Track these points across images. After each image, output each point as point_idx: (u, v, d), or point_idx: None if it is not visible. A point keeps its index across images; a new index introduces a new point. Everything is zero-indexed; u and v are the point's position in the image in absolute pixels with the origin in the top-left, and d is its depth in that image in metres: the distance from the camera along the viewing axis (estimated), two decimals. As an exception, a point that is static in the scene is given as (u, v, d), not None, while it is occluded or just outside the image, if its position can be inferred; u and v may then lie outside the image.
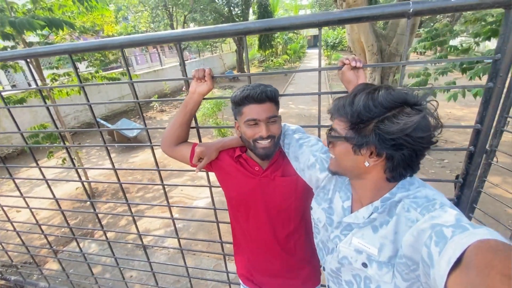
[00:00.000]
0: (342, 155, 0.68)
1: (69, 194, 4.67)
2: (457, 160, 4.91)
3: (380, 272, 0.65)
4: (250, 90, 0.90)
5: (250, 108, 0.91)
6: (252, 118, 0.90)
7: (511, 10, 0.75)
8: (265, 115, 0.90)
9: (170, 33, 1.05)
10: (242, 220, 1.11)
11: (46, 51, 1.16)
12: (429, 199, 0.60)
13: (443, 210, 0.55)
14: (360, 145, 0.62)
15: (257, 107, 0.90)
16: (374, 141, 0.59)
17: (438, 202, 0.58)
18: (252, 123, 0.91)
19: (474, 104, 7.77)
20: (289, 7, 29.70)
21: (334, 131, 0.68)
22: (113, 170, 1.45)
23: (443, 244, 0.47)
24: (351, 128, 0.63)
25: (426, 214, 0.57)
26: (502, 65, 0.81)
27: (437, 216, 0.54)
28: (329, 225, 0.80)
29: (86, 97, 1.32)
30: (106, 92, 9.92)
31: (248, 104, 0.91)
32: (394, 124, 0.56)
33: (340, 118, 0.66)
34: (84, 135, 8.11)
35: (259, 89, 0.89)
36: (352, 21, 0.87)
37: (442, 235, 0.48)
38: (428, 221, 0.54)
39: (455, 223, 0.49)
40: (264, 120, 0.90)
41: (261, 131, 0.91)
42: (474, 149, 0.94)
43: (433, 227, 0.51)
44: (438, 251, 0.47)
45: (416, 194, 0.63)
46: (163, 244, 3.36)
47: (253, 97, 0.89)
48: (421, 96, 0.59)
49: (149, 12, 11.69)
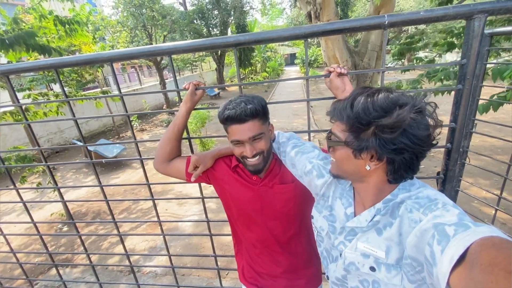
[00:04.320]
0: (342, 159, 0.67)
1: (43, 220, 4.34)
2: (432, 165, 5.19)
3: (389, 275, 0.64)
4: (230, 110, 0.87)
5: (233, 129, 0.90)
6: (236, 139, 0.90)
7: (471, 21, 0.86)
8: (247, 135, 0.88)
9: (161, 46, 1.08)
10: (243, 228, 1.10)
11: (31, 66, 1.14)
12: (431, 199, 0.61)
13: (445, 209, 0.55)
14: (360, 149, 0.61)
15: (239, 127, 0.88)
16: (374, 145, 0.59)
17: (440, 202, 0.58)
18: (237, 143, 0.92)
19: (442, 113, 8.37)
20: (266, 28, 31.00)
21: (334, 135, 0.67)
22: (100, 188, 1.40)
23: (446, 243, 0.47)
24: (351, 132, 0.62)
25: (428, 214, 0.56)
26: (468, 69, 0.91)
27: (440, 216, 0.54)
28: (332, 233, 0.79)
29: (71, 112, 1.29)
30: (83, 112, 9.59)
31: (230, 124, 0.90)
32: (390, 119, 0.56)
33: (340, 121, 0.65)
34: (58, 158, 7.69)
35: (239, 109, 0.85)
36: (334, 32, 0.95)
37: (445, 233, 0.48)
38: (430, 221, 0.54)
39: (457, 222, 0.50)
40: (247, 141, 0.89)
41: (246, 151, 0.90)
42: (451, 146, 1.02)
43: (435, 226, 0.52)
44: (441, 249, 0.47)
45: (418, 194, 0.63)
46: (149, 266, 3.18)
47: (233, 118, 0.86)
48: (420, 98, 0.60)
49: (128, 32, 11.68)
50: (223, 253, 3.15)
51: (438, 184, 1.12)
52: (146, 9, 10.92)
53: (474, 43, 0.88)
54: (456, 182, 1.17)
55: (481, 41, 0.88)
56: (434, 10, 0.86)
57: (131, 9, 10.82)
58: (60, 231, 4.02)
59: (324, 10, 4.51)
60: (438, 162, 5.30)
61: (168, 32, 13.03)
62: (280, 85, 18.71)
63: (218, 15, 15.34)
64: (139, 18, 10.95)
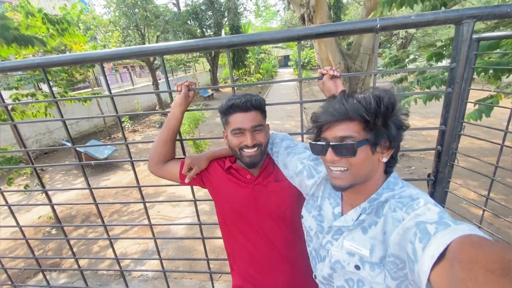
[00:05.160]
0: (363, 160, 0.65)
1: (30, 224, 4.22)
2: (423, 167, 5.29)
3: (373, 273, 0.66)
4: (236, 99, 0.92)
5: (235, 117, 0.93)
6: (237, 127, 0.92)
7: (460, 26, 0.88)
8: (250, 124, 0.91)
9: (153, 47, 1.06)
10: (238, 233, 1.06)
11: (16, 65, 1.11)
12: (413, 198, 0.63)
13: (426, 207, 0.57)
14: (376, 143, 0.64)
15: (242, 116, 0.92)
16: (388, 133, 0.64)
17: (422, 201, 0.60)
18: (238, 132, 0.93)
19: (432, 116, 8.55)
20: (260, 30, 31.12)
21: (350, 138, 0.64)
22: (89, 191, 1.37)
23: (427, 241, 0.48)
24: (369, 128, 0.63)
25: (411, 213, 0.58)
26: (457, 73, 0.93)
27: (421, 214, 0.56)
28: (320, 232, 0.80)
29: (59, 112, 1.26)
30: (73, 112, 9.39)
31: (233, 113, 0.93)
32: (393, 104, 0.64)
33: (348, 122, 0.64)
34: (47, 160, 7.51)
35: (244, 98, 0.91)
36: (327, 35, 0.95)
37: (426, 231, 0.50)
38: (413, 219, 0.56)
39: (438, 220, 0.52)
40: (249, 129, 0.92)
41: (246, 140, 0.92)
42: (441, 148, 1.03)
43: (417, 224, 0.53)
44: (422, 247, 0.48)
45: (401, 193, 0.65)
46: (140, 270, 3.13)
47: (238, 105, 0.91)
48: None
49: (120, 32, 11.52)
50: (215, 256, 3.12)
51: (428, 185, 1.13)
52: (139, 9, 10.80)
53: (463, 48, 0.90)
54: (446, 184, 1.19)
55: (470, 46, 0.90)
56: (425, 15, 0.88)
57: (124, 9, 10.69)
58: (49, 234, 3.92)
59: (317, 13, 4.55)
60: (428, 163, 5.40)
61: (161, 33, 12.92)
62: (274, 87, 18.76)
63: (212, 16, 15.30)
64: (132, 18, 10.82)
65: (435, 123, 8.06)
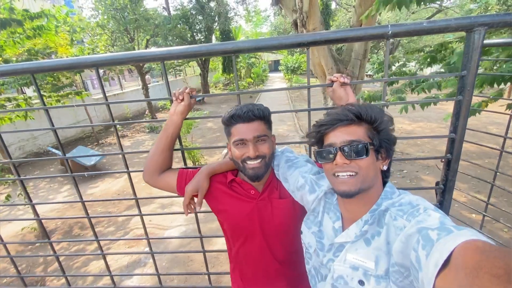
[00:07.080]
0: (370, 164, 0.66)
1: (14, 236, 3.99)
2: (414, 170, 5.37)
3: (378, 287, 0.63)
4: (237, 109, 0.88)
5: (237, 128, 0.88)
6: (239, 138, 0.88)
7: (471, 34, 0.87)
8: (252, 134, 0.87)
9: (154, 52, 1.01)
10: (238, 245, 1.02)
11: (5, 70, 1.02)
12: (413, 205, 0.62)
13: (426, 213, 0.57)
14: (381, 145, 0.67)
15: (244, 126, 0.87)
16: (385, 142, 0.67)
17: (422, 207, 0.60)
18: (240, 143, 0.88)
19: (420, 119, 8.76)
20: (250, 35, 31.27)
21: (359, 142, 0.65)
22: (78, 199, 1.28)
23: (430, 247, 0.47)
24: (372, 133, 0.67)
25: (412, 220, 0.58)
26: (467, 80, 0.92)
27: (422, 220, 0.55)
28: (321, 250, 0.76)
29: (50, 120, 1.17)
30: (59, 117, 9.07)
31: (235, 123, 0.89)
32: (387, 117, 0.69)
33: (359, 125, 0.68)
34: (30, 167, 7.19)
35: (246, 108, 0.88)
36: (338, 41, 0.92)
37: (429, 238, 0.49)
38: (414, 226, 0.55)
39: (440, 226, 0.51)
40: (251, 140, 0.87)
41: (249, 151, 0.87)
42: (451, 156, 1.02)
43: (419, 231, 0.52)
44: (425, 254, 0.47)
45: (401, 201, 0.65)
46: (132, 285, 2.99)
47: (240, 115, 0.87)
48: None
49: (109, 35, 11.27)
50: (211, 265, 3.03)
51: (437, 194, 1.11)
52: (129, 12, 10.62)
53: (474, 55, 0.89)
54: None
55: (480, 53, 0.89)
56: (437, 22, 0.86)
57: (112, 12, 10.48)
58: (33, 246, 3.71)
59: (310, 18, 4.58)
60: (419, 167, 5.50)
61: (151, 36, 12.74)
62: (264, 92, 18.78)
63: (203, 20, 15.22)
64: (121, 21, 10.62)
65: (424, 126, 8.26)
